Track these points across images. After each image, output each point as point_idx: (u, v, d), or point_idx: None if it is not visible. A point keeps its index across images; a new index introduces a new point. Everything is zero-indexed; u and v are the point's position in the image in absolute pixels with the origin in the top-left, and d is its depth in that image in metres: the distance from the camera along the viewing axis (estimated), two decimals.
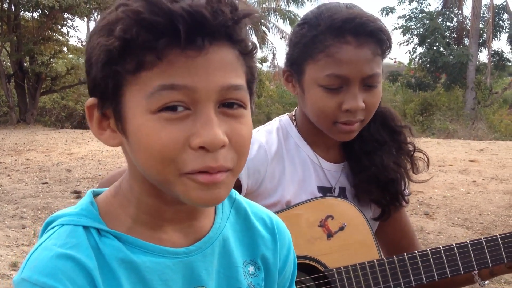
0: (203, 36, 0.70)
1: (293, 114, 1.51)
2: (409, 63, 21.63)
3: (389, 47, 1.36)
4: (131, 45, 0.70)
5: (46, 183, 7.66)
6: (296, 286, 1.38)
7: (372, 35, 1.31)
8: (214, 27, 0.70)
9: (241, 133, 0.75)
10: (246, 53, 0.76)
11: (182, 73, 0.71)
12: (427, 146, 10.50)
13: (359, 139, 1.43)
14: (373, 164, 1.44)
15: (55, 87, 18.14)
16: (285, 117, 1.51)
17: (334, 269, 1.37)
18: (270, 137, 1.44)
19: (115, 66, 0.72)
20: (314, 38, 1.33)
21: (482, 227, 5.57)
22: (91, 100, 0.78)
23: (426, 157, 1.52)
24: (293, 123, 1.48)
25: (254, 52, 0.78)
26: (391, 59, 20.65)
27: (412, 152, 1.51)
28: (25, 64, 17.48)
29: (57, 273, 0.73)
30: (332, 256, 1.38)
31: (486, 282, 1.46)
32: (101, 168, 8.69)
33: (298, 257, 1.35)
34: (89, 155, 10.15)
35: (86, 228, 0.78)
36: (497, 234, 1.46)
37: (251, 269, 0.89)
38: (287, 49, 1.43)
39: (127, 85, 0.73)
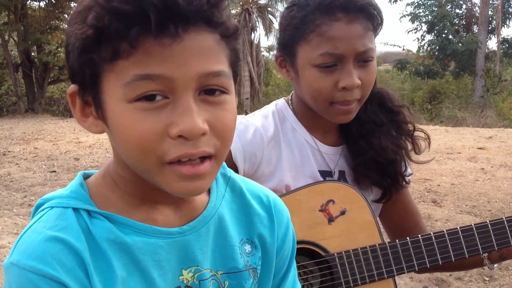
0: (176, 23, 0.67)
1: (290, 98, 1.49)
2: (418, 50, 21.43)
3: (380, 23, 1.34)
4: (105, 33, 0.67)
5: (54, 171, 7.71)
6: (298, 271, 1.37)
7: (362, 10, 1.29)
8: (188, 12, 0.68)
9: (223, 120, 0.73)
10: (228, 36, 0.74)
11: (157, 62, 0.68)
12: (436, 134, 10.45)
13: (356, 121, 1.41)
14: (371, 146, 1.42)
15: (62, 77, 18.21)
16: (281, 101, 1.49)
17: (335, 254, 1.35)
18: (266, 121, 1.42)
19: (91, 54, 0.69)
20: (304, 18, 1.31)
21: (490, 215, 5.55)
22: (72, 87, 0.76)
23: (427, 136, 1.50)
24: (290, 107, 1.46)
25: (236, 34, 0.75)
26: (399, 46, 20.55)
27: (412, 132, 1.48)
28: (32, 54, 17.54)
29: (46, 256, 0.71)
30: (334, 240, 1.37)
31: (495, 265, 1.44)
32: (109, 157, 8.68)
33: (299, 242, 1.34)
34: (97, 143, 10.19)
35: (75, 210, 0.77)
36: (503, 217, 1.43)
37: (247, 248, 0.87)
38: (278, 34, 1.41)
39: (104, 73, 0.71)
